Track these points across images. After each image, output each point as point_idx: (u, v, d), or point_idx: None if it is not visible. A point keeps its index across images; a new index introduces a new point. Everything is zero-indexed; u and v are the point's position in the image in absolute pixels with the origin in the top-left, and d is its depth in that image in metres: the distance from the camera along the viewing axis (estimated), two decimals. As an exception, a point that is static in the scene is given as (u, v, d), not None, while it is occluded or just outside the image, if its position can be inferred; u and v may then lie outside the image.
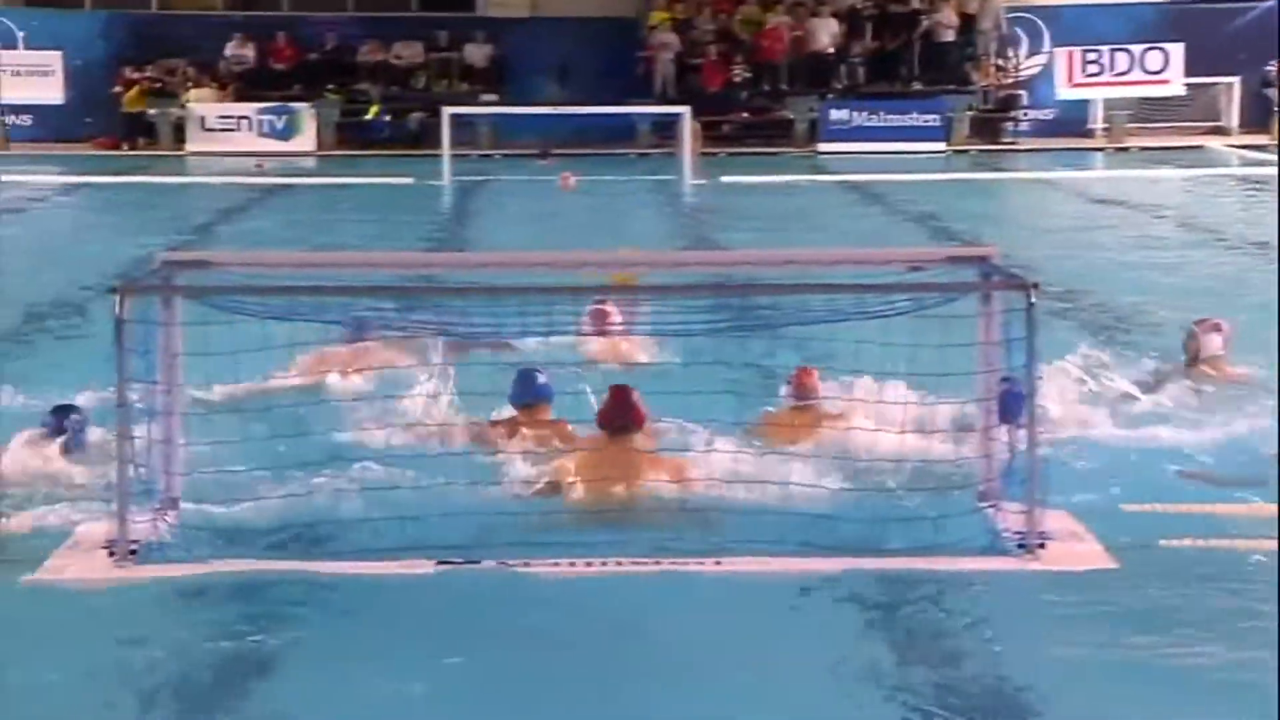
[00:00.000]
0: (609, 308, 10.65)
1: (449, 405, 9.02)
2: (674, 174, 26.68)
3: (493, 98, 32.82)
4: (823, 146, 32.24)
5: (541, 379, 9.17)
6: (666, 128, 29.96)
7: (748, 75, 33.61)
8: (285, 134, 32.53)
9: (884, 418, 8.61)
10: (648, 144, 31.90)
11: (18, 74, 33.53)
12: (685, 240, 19.95)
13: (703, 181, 26.21)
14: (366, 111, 33.20)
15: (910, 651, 6.43)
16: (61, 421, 8.80)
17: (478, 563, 7.17)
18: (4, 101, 33.17)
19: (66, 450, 8.64)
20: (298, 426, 8.47)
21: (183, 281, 7.66)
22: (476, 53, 34.03)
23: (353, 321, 10.19)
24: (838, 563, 7.21)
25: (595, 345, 10.94)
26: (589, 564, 7.21)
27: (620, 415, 8.34)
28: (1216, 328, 10.47)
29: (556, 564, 7.19)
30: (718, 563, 7.21)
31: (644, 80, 33.44)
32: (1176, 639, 6.42)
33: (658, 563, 7.20)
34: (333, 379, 10.09)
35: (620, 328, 10.70)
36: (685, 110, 27.76)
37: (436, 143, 28.24)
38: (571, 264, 7.81)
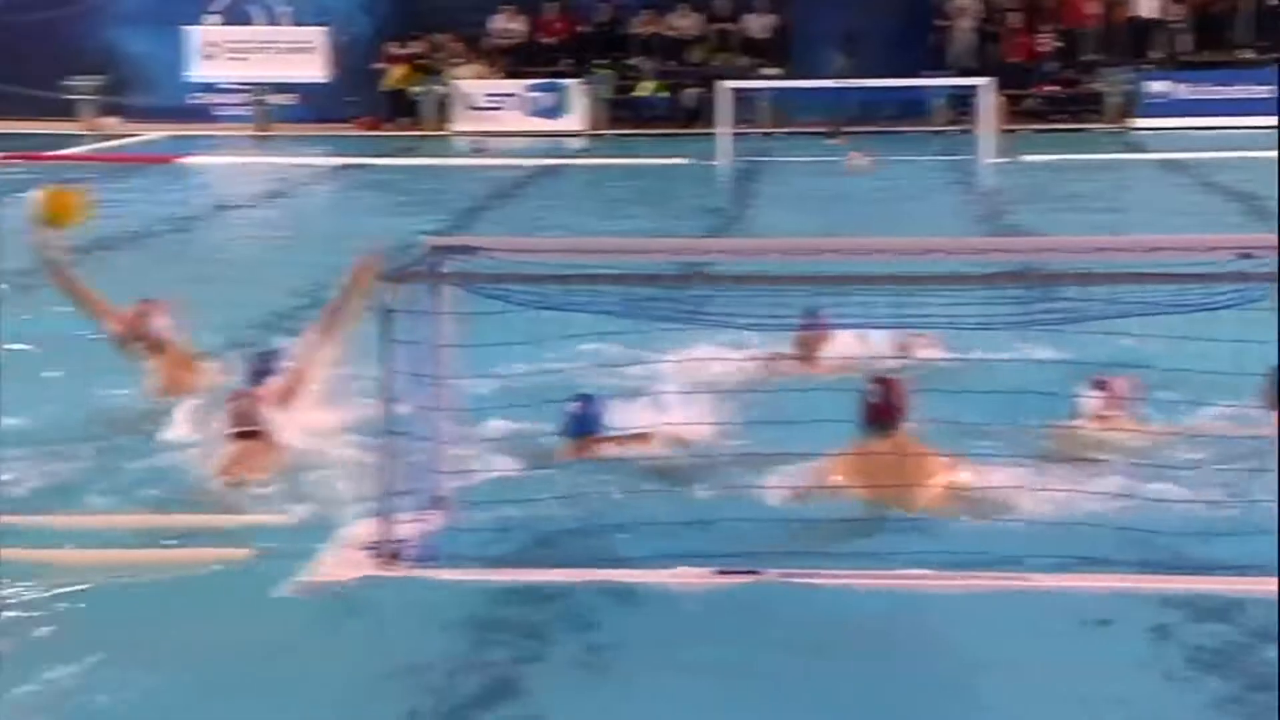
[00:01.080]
0: None
1: None
2: (971, 153, 26.41)
3: (775, 71, 32.86)
4: (1139, 122, 31.58)
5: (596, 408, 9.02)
6: (963, 102, 29.65)
7: (1056, 44, 33.09)
8: (555, 112, 33.01)
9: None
10: (943, 120, 31.62)
11: (280, 51, 34.72)
12: (984, 224, 19.75)
13: (1003, 160, 25.90)
14: (636, 87, 33.50)
15: (1221, 680, 6.33)
16: (269, 364, 9.43)
17: (759, 572, 7.25)
18: (267, 80, 34.36)
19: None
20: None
21: (450, 268, 7.86)
22: (757, 23, 34.15)
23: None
24: (1141, 580, 7.14)
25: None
26: (878, 577, 7.21)
27: (900, 411, 8.16)
28: None
29: (842, 576, 7.21)
30: (1013, 578, 7.16)
31: (938, 51, 33.15)
32: None
33: (949, 577, 7.18)
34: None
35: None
36: (986, 82, 27.42)
37: (713, 120, 28.39)
38: (863, 250, 7.77)
